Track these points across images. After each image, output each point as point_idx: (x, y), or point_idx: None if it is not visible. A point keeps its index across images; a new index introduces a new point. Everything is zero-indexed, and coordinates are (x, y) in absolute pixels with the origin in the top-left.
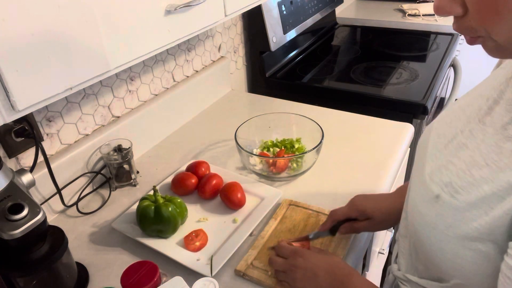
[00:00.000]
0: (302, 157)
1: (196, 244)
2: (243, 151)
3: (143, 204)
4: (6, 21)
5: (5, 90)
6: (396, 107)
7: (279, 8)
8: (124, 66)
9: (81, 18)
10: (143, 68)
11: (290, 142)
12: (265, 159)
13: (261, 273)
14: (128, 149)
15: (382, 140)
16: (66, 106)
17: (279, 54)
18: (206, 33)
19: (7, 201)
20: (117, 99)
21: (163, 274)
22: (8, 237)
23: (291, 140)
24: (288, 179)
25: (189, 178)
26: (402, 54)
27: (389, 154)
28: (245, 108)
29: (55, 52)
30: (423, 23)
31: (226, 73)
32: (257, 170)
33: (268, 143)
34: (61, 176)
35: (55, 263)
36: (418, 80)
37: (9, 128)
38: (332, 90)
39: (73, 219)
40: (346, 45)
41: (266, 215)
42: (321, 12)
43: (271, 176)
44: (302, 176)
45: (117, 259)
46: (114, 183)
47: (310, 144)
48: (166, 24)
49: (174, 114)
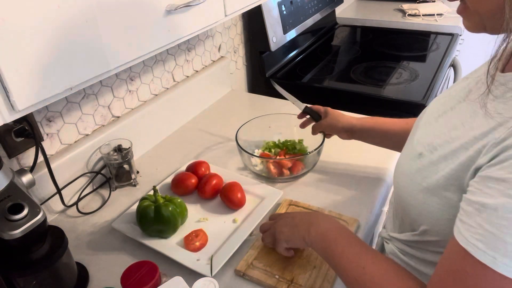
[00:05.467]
0: (303, 159)
1: (196, 244)
2: (244, 152)
3: (143, 204)
4: (6, 21)
5: (5, 90)
6: (396, 107)
7: (279, 8)
8: (124, 66)
9: (81, 18)
10: (143, 68)
11: (292, 143)
12: (268, 160)
13: (261, 273)
14: (128, 149)
15: None
16: (66, 106)
17: (279, 54)
18: (206, 33)
19: (7, 201)
20: (117, 99)
21: (163, 274)
22: (8, 237)
23: (293, 141)
24: (289, 180)
25: (189, 178)
26: (402, 54)
27: (389, 154)
28: (245, 108)
29: (55, 52)
30: (423, 23)
31: (226, 73)
32: (257, 171)
33: (270, 144)
34: (61, 176)
35: (55, 263)
36: (418, 80)
37: (9, 128)
38: (332, 90)
39: (73, 219)
40: (346, 45)
41: (266, 215)
42: (321, 12)
43: (271, 177)
44: (302, 177)
45: (117, 259)
46: (114, 183)
47: (311, 145)
48: (166, 24)
49: (174, 114)
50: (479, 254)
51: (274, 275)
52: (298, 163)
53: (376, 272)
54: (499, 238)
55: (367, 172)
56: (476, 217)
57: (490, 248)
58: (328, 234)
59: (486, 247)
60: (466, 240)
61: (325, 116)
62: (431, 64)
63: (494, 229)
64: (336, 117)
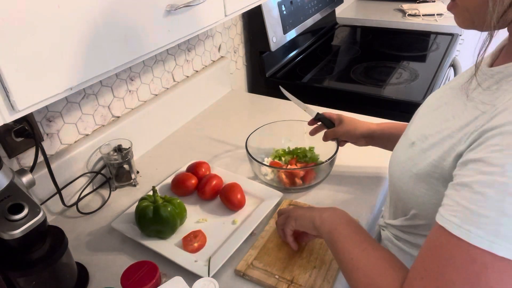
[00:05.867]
0: (316, 168)
1: (195, 245)
2: (254, 161)
3: (142, 204)
4: (6, 21)
5: (5, 90)
6: (396, 107)
7: (279, 8)
8: (124, 66)
9: (81, 18)
10: (143, 68)
11: (302, 151)
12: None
13: (261, 273)
14: (128, 149)
15: None
16: (66, 106)
17: (279, 54)
18: (206, 33)
19: (7, 201)
20: (117, 99)
21: (163, 274)
22: (8, 237)
23: (304, 149)
24: (302, 190)
25: (189, 179)
26: (402, 54)
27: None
28: (245, 108)
29: (55, 52)
30: (423, 23)
31: (226, 73)
32: (268, 181)
33: (279, 152)
34: (61, 176)
35: (55, 263)
36: (418, 80)
37: (9, 128)
38: (332, 90)
39: (73, 219)
40: (346, 45)
41: (266, 216)
42: (321, 12)
43: (283, 187)
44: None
45: (117, 259)
46: (114, 183)
47: (322, 152)
48: (166, 24)
49: (174, 114)
50: (454, 228)
51: (274, 275)
52: (311, 172)
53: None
54: (473, 212)
55: (367, 172)
56: (454, 197)
57: (465, 222)
58: (336, 220)
59: (461, 221)
60: (443, 218)
61: (340, 123)
62: (431, 64)
63: (469, 204)
64: (353, 123)
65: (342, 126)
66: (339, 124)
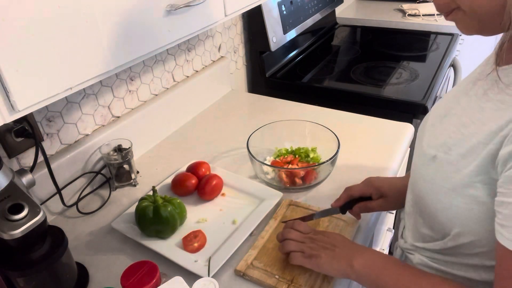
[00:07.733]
0: (317, 168)
1: (195, 245)
2: (255, 161)
3: (142, 204)
4: (6, 21)
5: (5, 90)
6: (396, 107)
7: (279, 8)
8: (124, 66)
9: (81, 18)
10: (143, 68)
11: (305, 151)
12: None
13: (261, 273)
14: (128, 149)
15: (382, 140)
16: (66, 106)
17: (279, 54)
18: (206, 33)
19: (7, 201)
20: (117, 99)
21: (163, 274)
22: (8, 237)
23: (306, 149)
24: (301, 190)
25: (189, 179)
26: (402, 54)
27: (389, 154)
28: (245, 108)
29: (55, 52)
30: (423, 23)
31: (226, 73)
32: (269, 180)
33: (282, 151)
34: (61, 176)
35: (55, 263)
36: (418, 80)
37: (9, 128)
38: (332, 90)
39: (73, 219)
40: (346, 45)
41: (266, 215)
42: (321, 12)
43: (283, 186)
44: (315, 187)
45: (117, 259)
46: (114, 183)
47: (325, 153)
48: (166, 24)
49: (174, 114)
50: None
51: (274, 275)
52: (312, 172)
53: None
54: None
55: (369, 172)
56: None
57: None
58: (374, 265)
59: None
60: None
61: (379, 196)
62: (431, 64)
63: None
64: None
65: (386, 199)
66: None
